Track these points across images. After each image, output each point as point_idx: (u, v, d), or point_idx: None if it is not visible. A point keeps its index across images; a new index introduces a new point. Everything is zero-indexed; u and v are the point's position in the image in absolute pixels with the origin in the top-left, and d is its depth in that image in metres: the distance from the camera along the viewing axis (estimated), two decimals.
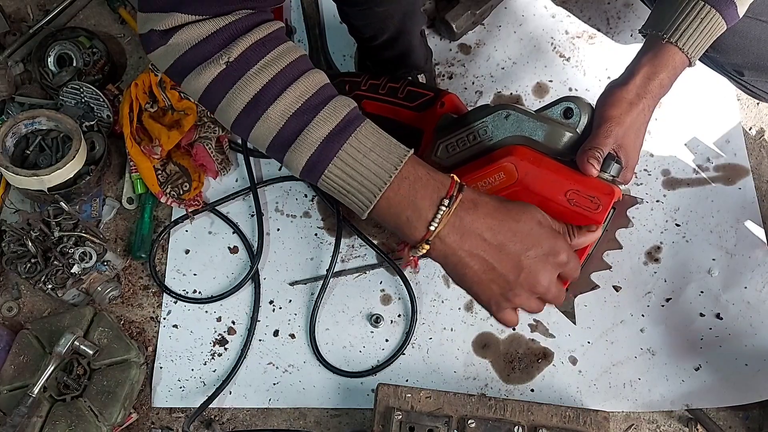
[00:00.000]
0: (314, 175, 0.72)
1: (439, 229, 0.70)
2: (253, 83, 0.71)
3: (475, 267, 0.72)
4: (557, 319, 1.17)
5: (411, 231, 0.71)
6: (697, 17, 0.85)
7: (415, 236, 0.71)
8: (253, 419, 1.14)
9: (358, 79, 1.13)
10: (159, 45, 0.72)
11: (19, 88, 1.33)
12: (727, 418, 1.12)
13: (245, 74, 0.71)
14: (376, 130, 0.72)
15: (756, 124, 1.30)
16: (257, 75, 0.71)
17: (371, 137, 0.71)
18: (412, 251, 0.72)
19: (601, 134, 0.83)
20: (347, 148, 0.70)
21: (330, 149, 0.70)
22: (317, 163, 0.70)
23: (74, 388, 1.07)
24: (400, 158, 0.70)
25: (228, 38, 0.71)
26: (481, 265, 0.72)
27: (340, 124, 0.70)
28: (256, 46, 0.71)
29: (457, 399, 1.04)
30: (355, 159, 0.70)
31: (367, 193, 0.70)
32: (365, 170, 0.70)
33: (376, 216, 0.72)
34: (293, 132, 0.71)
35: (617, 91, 0.85)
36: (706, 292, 1.17)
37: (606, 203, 0.81)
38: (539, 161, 0.84)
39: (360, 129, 0.71)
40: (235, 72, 0.71)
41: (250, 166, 1.26)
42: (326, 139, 0.70)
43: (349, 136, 0.70)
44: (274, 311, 1.20)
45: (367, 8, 1.00)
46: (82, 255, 1.13)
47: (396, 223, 0.72)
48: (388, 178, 0.69)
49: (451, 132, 0.93)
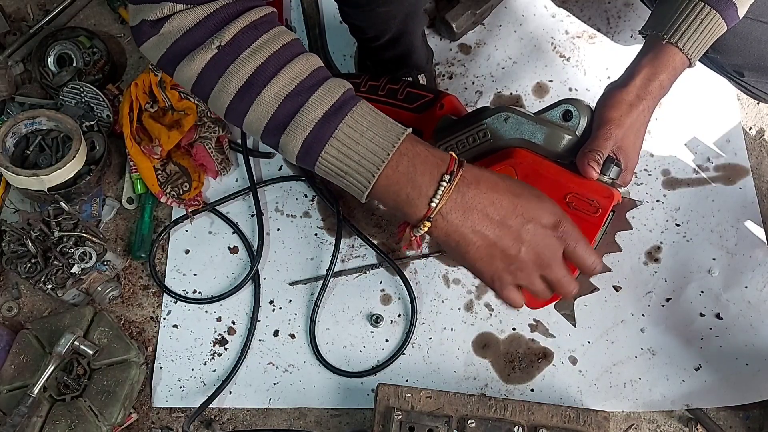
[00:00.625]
0: (311, 158, 0.71)
1: (440, 206, 0.69)
2: (246, 66, 0.70)
3: (477, 243, 0.71)
4: (557, 319, 1.16)
5: (412, 209, 0.70)
6: (697, 18, 0.85)
7: (416, 214, 0.70)
8: (253, 419, 1.14)
9: (357, 80, 1.12)
10: (151, 35, 0.72)
11: (19, 88, 1.33)
12: (727, 418, 1.12)
13: (237, 57, 0.70)
14: (371, 110, 0.71)
15: (756, 124, 1.30)
16: (250, 58, 0.70)
17: (367, 116, 0.70)
18: (414, 230, 0.72)
19: (601, 137, 0.82)
20: (343, 127, 0.69)
21: (326, 130, 0.69)
22: (313, 145, 0.70)
23: (74, 388, 1.07)
24: (398, 136, 0.70)
25: (219, 23, 0.70)
26: (483, 241, 0.71)
27: (335, 105, 0.70)
28: (247, 29, 0.71)
29: (457, 399, 1.04)
30: (351, 138, 0.69)
31: (366, 173, 0.69)
32: (362, 149, 0.69)
33: (375, 196, 0.71)
34: (288, 114, 0.70)
35: (617, 92, 0.85)
36: (707, 291, 1.17)
37: (605, 207, 0.81)
38: (539, 164, 0.84)
39: (355, 109, 0.70)
40: (228, 56, 0.70)
41: (250, 166, 1.26)
42: (321, 120, 0.69)
43: (344, 116, 0.69)
44: (274, 311, 1.20)
45: (369, 9, 0.99)
46: (82, 255, 1.13)
47: (396, 202, 0.70)
48: (386, 155, 0.69)
49: (451, 134, 0.93)
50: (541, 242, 0.72)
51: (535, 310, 1.17)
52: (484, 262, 0.72)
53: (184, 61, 0.72)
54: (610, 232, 0.87)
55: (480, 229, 0.70)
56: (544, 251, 0.72)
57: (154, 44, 0.72)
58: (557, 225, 0.72)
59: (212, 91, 0.73)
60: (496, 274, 0.73)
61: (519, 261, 0.72)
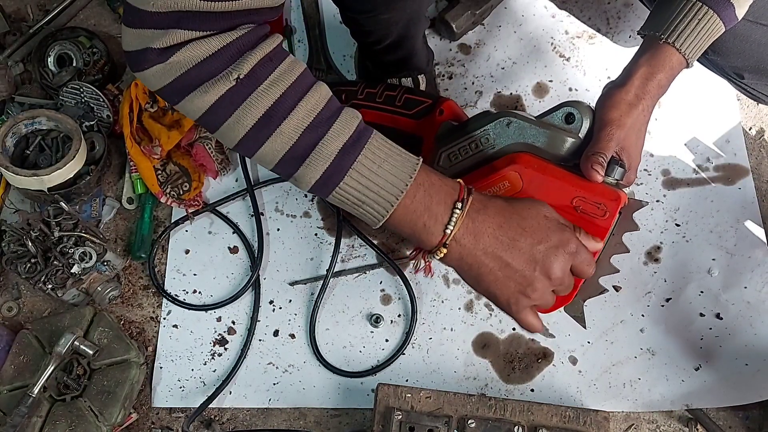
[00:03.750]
0: (327, 188, 0.72)
1: (454, 232, 0.72)
2: (265, 99, 0.70)
3: (491, 265, 0.73)
4: (557, 319, 1.16)
5: (428, 236, 0.72)
6: (695, 18, 0.85)
7: (432, 241, 0.73)
8: (253, 419, 1.14)
9: (354, 87, 1.12)
10: (156, 63, 0.69)
11: (19, 88, 1.33)
12: (727, 418, 1.12)
13: (255, 90, 0.70)
14: (385, 141, 0.73)
15: (756, 124, 1.30)
16: (268, 90, 0.70)
17: (383, 148, 0.72)
18: (429, 256, 0.74)
19: (603, 138, 0.82)
20: (362, 159, 0.71)
21: (346, 161, 0.71)
22: (333, 176, 0.71)
23: (74, 388, 1.07)
24: (414, 166, 0.72)
25: (236, 54, 0.69)
26: (496, 263, 0.73)
27: (353, 136, 0.71)
28: (264, 61, 0.70)
29: (457, 399, 1.04)
30: (370, 170, 0.71)
31: (384, 203, 0.71)
32: (381, 180, 0.71)
33: (390, 225, 0.73)
34: (308, 146, 0.71)
35: (616, 92, 0.85)
36: (706, 292, 1.17)
37: (613, 209, 0.81)
38: (543, 168, 0.84)
39: (371, 140, 0.72)
40: (245, 88, 0.69)
41: (246, 168, 1.26)
42: (341, 152, 0.71)
43: (362, 147, 0.71)
44: (274, 311, 1.20)
45: (372, 15, 0.99)
46: (82, 255, 1.13)
47: (413, 230, 0.73)
48: (404, 186, 0.71)
49: (453, 140, 0.92)
50: (552, 261, 0.74)
51: None
52: (499, 283, 0.74)
53: (197, 92, 0.70)
54: (618, 233, 0.87)
55: (492, 251, 0.73)
56: (556, 270, 0.74)
57: (159, 72, 0.70)
58: (566, 243, 0.74)
59: (225, 122, 0.72)
60: (512, 297, 0.75)
61: (534, 281, 0.74)
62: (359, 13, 1.00)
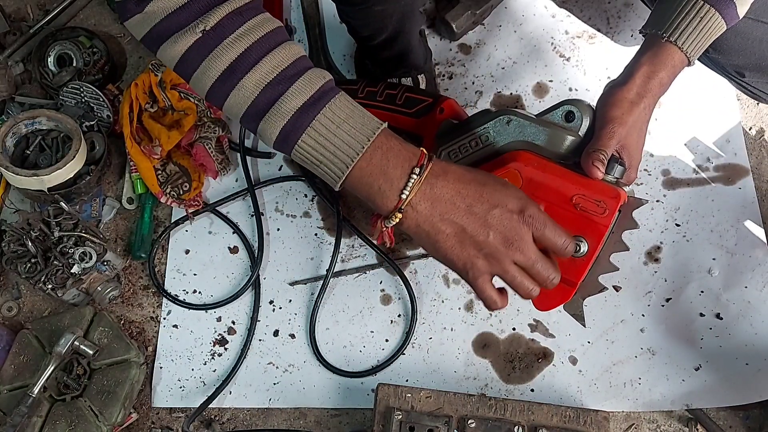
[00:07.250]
0: (287, 146, 0.73)
1: (410, 197, 0.71)
2: (229, 52, 0.71)
3: (446, 231, 0.73)
4: (557, 319, 1.17)
5: (383, 200, 0.72)
6: (697, 16, 0.85)
7: (387, 205, 0.72)
8: (253, 419, 1.14)
9: (355, 86, 1.12)
10: (135, 13, 0.72)
11: (19, 88, 1.33)
12: (727, 418, 1.12)
13: (221, 43, 0.71)
14: (350, 102, 0.73)
15: (756, 124, 1.30)
16: (233, 44, 0.71)
17: (345, 109, 0.72)
18: (385, 222, 0.74)
19: (604, 136, 0.82)
20: (321, 118, 0.71)
21: (304, 119, 0.71)
22: (290, 133, 0.72)
23: (74, 388, 1.07)
24: (374, 129, 0.72)
25: (204, 7, 0.71)
26: (452, 229, 0.73)
27: (314, 95, 0.72)
28: (232, 15, 0.71)
29: (457, 399, 1.04)
30: (328, 129, 0.71)
31: (340, 164, 0.71)
32: (338, 140, 0.71)
33: (348, 186, 0.73)
34: (267, 102, 0.72)
35: (617, 91, 0.85)
36: (707, 291, 1.17)
37: (612, 207, 0.81)
38: (543, 166, 0.84)
39: (334, 100, 0.72)
40: (211, 40, 0.71)
41: (247, 168, 1.26)
42: (300, 110, 0.71)
43: (323, 107, 0.71)
44: (274, 311, 1.20)
45: (365, 7, 1.00)
46: (82, 255, 1.13)
47: (368, 193, 0.73)
48: (361, 148, 0.71)
49: (453, 138, 0.92)
50: (507, 225, 0.73)
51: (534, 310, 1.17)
52: (455, 249, 0.74)
53: (168, 42, 0.72)
54: (617, 232, 0.87)
55: (448, 217, 0.72)
56: (511, 234, 0.73)
57: (139, 22, 0.73)
58: (523, 209, 0.74)
59: (194, 73, 0.74)
60: (468, 261, 0.74)
61: (488, 245, 0.73)
62: (352, 5, 1.01)
